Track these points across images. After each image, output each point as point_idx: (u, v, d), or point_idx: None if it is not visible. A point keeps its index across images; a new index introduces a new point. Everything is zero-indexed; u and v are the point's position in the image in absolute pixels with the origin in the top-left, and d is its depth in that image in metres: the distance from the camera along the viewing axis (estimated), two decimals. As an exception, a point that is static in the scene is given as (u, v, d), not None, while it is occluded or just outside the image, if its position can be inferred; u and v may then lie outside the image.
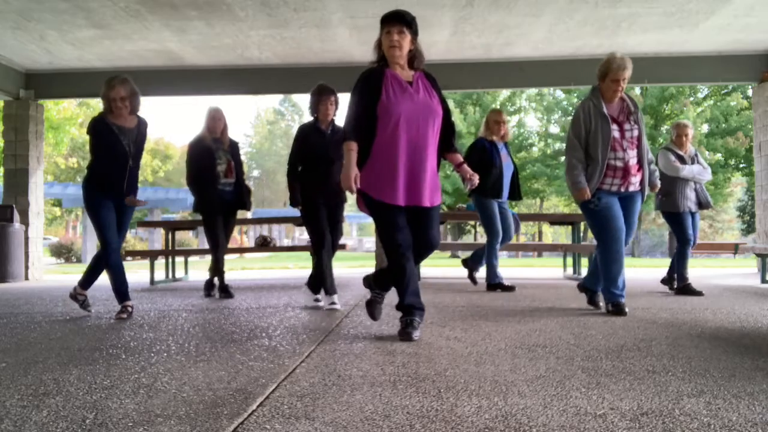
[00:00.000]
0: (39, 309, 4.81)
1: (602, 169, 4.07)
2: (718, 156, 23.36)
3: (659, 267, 12.21)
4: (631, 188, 4.17)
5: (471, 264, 6.52)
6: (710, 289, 6.29)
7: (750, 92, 15.41)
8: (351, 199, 3.88)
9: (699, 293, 5.48)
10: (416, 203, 3.23)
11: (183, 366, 2.56)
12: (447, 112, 3.39)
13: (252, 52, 8.50)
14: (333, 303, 4.64)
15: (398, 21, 3.21)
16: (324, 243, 4.62)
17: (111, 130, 4.19)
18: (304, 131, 4.70)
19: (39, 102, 9.66)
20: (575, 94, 25.06)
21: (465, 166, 3.44)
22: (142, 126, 4.36)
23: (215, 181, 5.41)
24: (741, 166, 24.19)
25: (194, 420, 1.81)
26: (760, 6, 7.05)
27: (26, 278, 9.09)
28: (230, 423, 1.78)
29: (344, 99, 3.97)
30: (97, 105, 30.11)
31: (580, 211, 4.49)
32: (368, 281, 3.58)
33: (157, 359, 2.71)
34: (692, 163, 5.71)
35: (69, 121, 16.40)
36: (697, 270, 10.79)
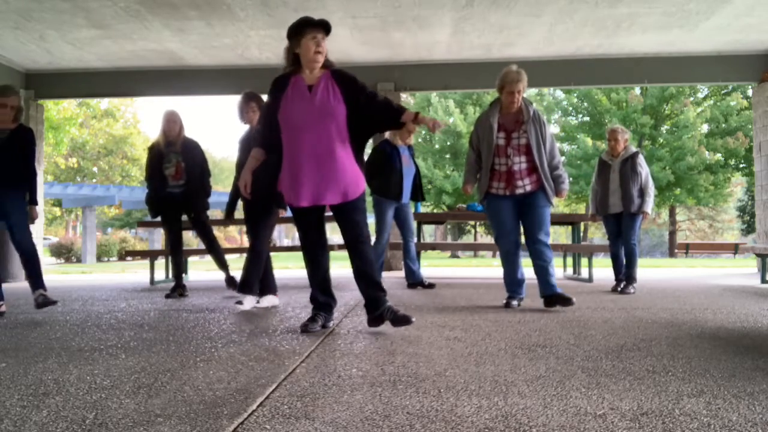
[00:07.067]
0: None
1: (488, 174, 4.46)
2: (718, 156, 23.36)
3: (659, 267, 12.22)
4: (518, 191, 4.40)
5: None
6: (710, 289, 6.30)
7: (750, 92, 15.41)
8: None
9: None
10: (329, 202, 3.38)
11: (183, 366, 2.56)
12: (363, 102, 3.35)
13: (252, 52, 8.50)
14: (239, 302, 4.61)
15: (324, 28, 3.38)
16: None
17: None
18: (240, 141, 4.86)
19: (39, 102, 9.66)
20: (575, 94, 25.07)
21: (421, 115, 3.34)
22: (21, 132, 4.59)
23: (164, 183, 5.59)
24: (741, 166, 24.19)
25: (194, 420, 1.81)
26: (760, 6, 7.06)
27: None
28: (230, 423, 1.78)
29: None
30: (97, 105, 30.16)
31: (580, 212, 4.52)
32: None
33: (157, 359, 2.71)
34: (624, 165, 5.73)
35: (69, 121, 16.40)
36: (698, 270, 10.79)
